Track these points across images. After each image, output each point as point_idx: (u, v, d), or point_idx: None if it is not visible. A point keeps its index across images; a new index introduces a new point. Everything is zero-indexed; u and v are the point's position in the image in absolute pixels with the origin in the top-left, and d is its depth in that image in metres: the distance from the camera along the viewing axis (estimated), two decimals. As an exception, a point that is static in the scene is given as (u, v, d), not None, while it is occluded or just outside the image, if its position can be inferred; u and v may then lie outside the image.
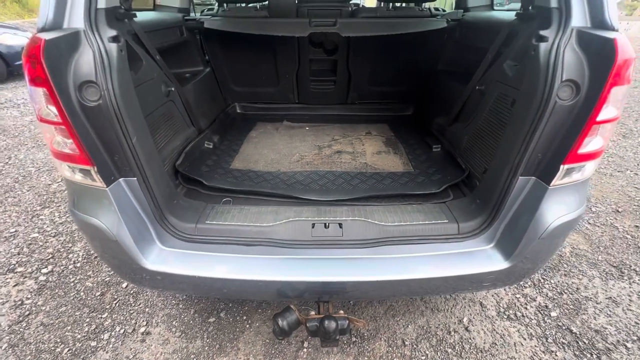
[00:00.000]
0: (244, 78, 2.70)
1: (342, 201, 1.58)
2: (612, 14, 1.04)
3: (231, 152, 2.11)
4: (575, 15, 1.07)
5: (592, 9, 1.06)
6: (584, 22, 1.07)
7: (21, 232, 2.50)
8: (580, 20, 1.07)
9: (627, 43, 0.98)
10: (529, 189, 1.21)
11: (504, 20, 1.66)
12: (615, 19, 1.05)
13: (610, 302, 1.95)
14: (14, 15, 12.05)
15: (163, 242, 1.30)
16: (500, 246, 1.29)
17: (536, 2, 1.23)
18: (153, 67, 1.58)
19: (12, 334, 1.75)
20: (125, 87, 1.11)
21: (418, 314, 1.87)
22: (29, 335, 1.75)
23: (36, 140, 4.06)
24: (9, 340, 1.72)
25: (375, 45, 2.47)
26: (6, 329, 1.78)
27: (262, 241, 1.29)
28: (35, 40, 0.96)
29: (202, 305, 1.91)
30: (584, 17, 1.07)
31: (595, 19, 1.06)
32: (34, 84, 1.01)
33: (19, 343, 1.71)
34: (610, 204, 2.90)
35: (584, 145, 1.10)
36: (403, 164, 1.97)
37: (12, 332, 1.76)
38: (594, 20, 1.06)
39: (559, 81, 1.03)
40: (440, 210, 1.43)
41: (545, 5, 1.15)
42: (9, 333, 1.76)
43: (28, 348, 1.69)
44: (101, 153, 1.10)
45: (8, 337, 1.73)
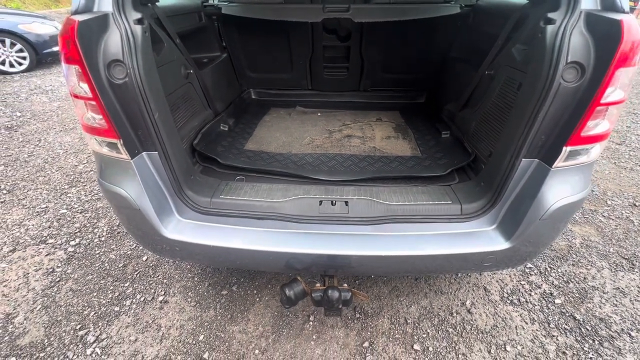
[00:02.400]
0: (259, 64, 2.77)
1: (349, 181, 1.64)
2: (622, -4, 1.04)
3: (245, 134, 2.19)
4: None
5: None
6: (595, 5, 1.07)
7: (51, 208, 2.69)
8: (590, 3, 1.07)
9: (634, 24, 0.98)
10: (532, 170, 1.23)
11: (516, 4, 1.65)
12: (625, 1, 1.05)
13: (618, 293, 1.95)
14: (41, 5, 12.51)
15: (180, 214, 1.40)
16: (502, 227, 1.33)
17: None
18: (174, 49, 1.67)
19: (45, 297, 1.92)
20: (149, 67, 1.19)
21: (422, 295, 1.93)
22: (59, 298, 1.92)
23: (63, 124, 4.28)
24: (42, 302, 1.89)
25: (388, 32, 2.48)
26: (40, 292, 1.95)
27: (271, 215, 1.37)
28: (70, 22, 1.05)
29: (216, 279, 2.03)
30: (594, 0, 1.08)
31: (606, 1, 1.06)
32: (69, 62, 1.10)
33: (51, 305, 1.88)
34: (628, 197, 2.84)
35: (587, 128, 1.11)
36: (411, 149, 2.00)
37: (45, 296, 1.93)
38: (604, 2, 1.06)
39: (564, 63, 1.05)
40: (445, 192, 1.47)
41: None
42: (42, 296, 1.93)
43: (59, 310, 1.85)
44: (126, 127, 1.20)
45: (41, 300, 1.90)
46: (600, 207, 2.70)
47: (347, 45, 2.65)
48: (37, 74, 6.33)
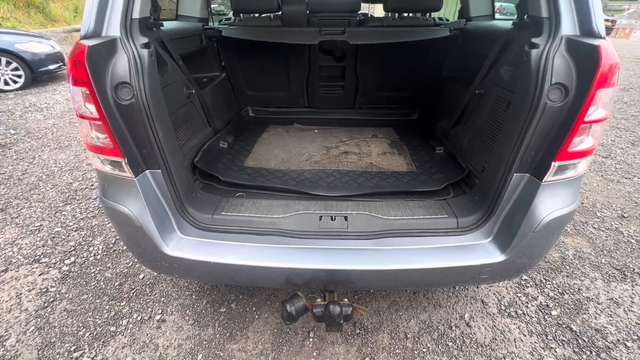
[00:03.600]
0: (257, 83, 2.84)
1: (348, 197, 1.67)
2: (599, 23, 1.13)
3: (244, 151, 2.23)
4: (564, 25, 1.16)
5: (580, 19, 1.15)
6: (574, 31, 1.16)
7: (45, 227, 2.66)
8: (570, 29, 1.16)
9: (611, 49, 1.06)
10: (523, 185, 1.28)
11: (502, 28, 1.76)
12: (602, 28, 1.13)
13: (612, 303, 1.98)
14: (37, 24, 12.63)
15: (182, 231, 1.41)
16: (497, 240, 1.37)
17: (530, 12, 1.32)
18: (177, 71, 1.73)
19: (38, 318, 1.88)
20: (154, 88, 1.23)
21: (421, 309, 1.94)
22: (53, 319, 1.88)
23: (58, 142, 4.27)
24: (35, 323, 1.85)
25: (382, 53, 2.58)
26: (33, 313, 1.91)
27: (272, 231, 1.39)
28: (79, 46, 1.10)
29: (214, 296, 2.01)
30: (573, 27, 1.16)
31: (584, 28, 1.14)
32: (77, 84, 1.14)
33: (45, 326, 1.84)
34: (616, 209, 2.92)
35: (573, 144, 1.18)
36: (407, 164, 2.06)
37: (39, 316, 1.89)
38: (582, 29, 1.15)
39: (549, 84, 1.12)
40: (441, 206, 1.51)
41: (537, 15, 1.24)
42: (36, 317, 1.88)
43: (53, 331, 1.81)
44: (131, 146, 1.23)
45: (35, 321, 1.86)
46: (590, 219, 2.77)
47: (343, 65, 2.75)
48: (32, 92, 6.34)
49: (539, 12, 1.23)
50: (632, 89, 6.90)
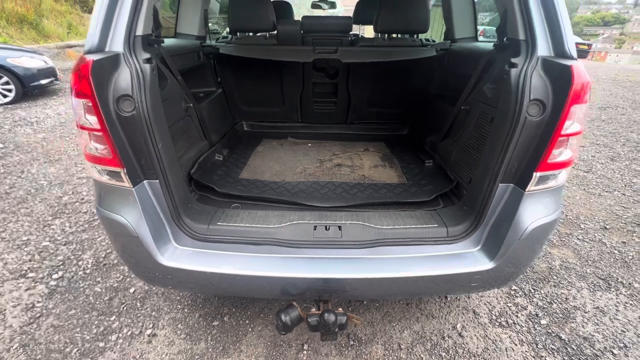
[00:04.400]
0: (252, 98, 2.92)
1: (342, 207, 1.71)
2: (571, 46, 1.23)
3: (239, 164, 2.27)
4: (540, 47, 1.26)
5: (554, 42, 1.26)
6: (549, 52, 1.26)
7: (33, 241, 2.60)
8: (545, 51, 1.26)
9: (582, 69, 1.16)
10: (508, 195, 1.35)
11: (484, 49, 1.88)
12: (573, 50, 1.24)
13: (598, 312, 2.03)
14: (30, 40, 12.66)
15: (177, 241, 1.42)
16: (485, 248, 1.42)
17: (508, 35, 1.43)
18: (175, 85, 1.78)
19: (23, 335, 1.82)
20: (155, 101, 1.28)
21: (414, 320, 1.95)
22: (39, 335, 1.82)
23: (48, 156, 4.23)
24: (20, 340, 1.79)
25: (372, 71, 2.70)
26: (17, 329, 1.85)
27: (268, 241, 1.42)
28: (84, 60, 1.14)
29: (207, 310, 1.99)
30: (548, 48, 1.27)
31: (557, 49, 1.25)
32: (79, 96, 1.17)
33: (30, 343, 1.78)
34: (599, 221, 3.03)
35: (553, 155, 1.26)
36: (398, 177, 2.13)
37: (24, 333, 1.83)
38: (556, 50, 1.25)
39: (527, 100, 1.21)
40: (431, 216, 1.57)
41: (515, 37, 1.35)
42: (20, 334, 1.83)
43: (38, 348, 1.76)
44: (130, 157, 1.25)
45: (19, 338, 1.80)
46: (574, 231, 2.86)
47: (335, 82, 2.85)
48: (22, 106, 6.30)
49: (517, 35, 1.34)
50: (609, 108, 7.26)
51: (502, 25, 1.46)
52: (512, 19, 1.36)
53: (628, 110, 7.10)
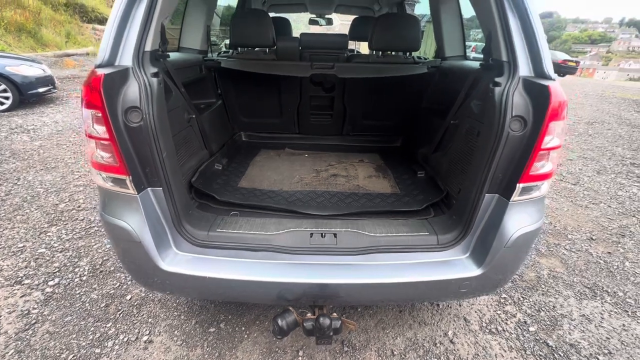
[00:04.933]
0: (251, 110, 3.01)
1: (337, 216, 1.78)
2: (549, 67, 1.34)
3: (238, 173, 2.33)
4: (521, 67, 1.36)
5: (534, 63, 1.36)
6: (529, 73, 1.37)
7: (29, 248, 2.61)
8: (526, 71, 1.37)
9: (559, 89, 1.26)
10: (494, 204, 1.43)
11: (472, 68, 2.00)
12: (551, 71, 1.34)
13: (584, 319, 2.10)
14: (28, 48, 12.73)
15: (178, 247, 1.47)
16: (474, 255, 1.49)
17: (493, 56, 1.54)
18: (179, 97, 1.85)
19: (18, 341, 1.83)
20: (161, 112, 1.35)
21: (406, 327, 2.00)
22: (34, 342, 1.83)
23: (45, 163, 4.24)
24: (15, 346, 1.79)
25: (367, 86, 2.82)
26: (13, 336, 1.85)
27: (265, 247, 1.47)
28: (95, 74, 1.21)
29: (203, 317, 2.02)
30: (528, 69, 1.37)
31: (537, 70, 1.36)
32: (89, 107, 1.24)
33: (25, 349, 1.78)
34: (586, 232, 3.13)
35: (535, 168, 1.34)
36: (391, 187, 2.20)
37: (19, 339, 1.84)
38: (536, 71, 1.36)
39: (510, 116, 1.30)
40: (422, 224, 1.64)
41: (499, 58, 1.46)
42: (16, 340, 1.83)
43: (34, 354, 1.76)
44: (136, 165, 1.31)
45: (15, 344, 1.81)
46: (562, 241, 2.95)
47: (332, 95, 2.96)
48: (19, 114, 6.32)
49: (500, 56, 1.45)
50: (595, 123, 7.51)
51: (487, 47, 1.58)
52: (495, 42, 1.47)
53: (614, 125, 7.35)
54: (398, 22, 2.43)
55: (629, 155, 5.37)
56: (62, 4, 15.02)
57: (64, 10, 15.08)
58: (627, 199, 3.86)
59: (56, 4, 14.81)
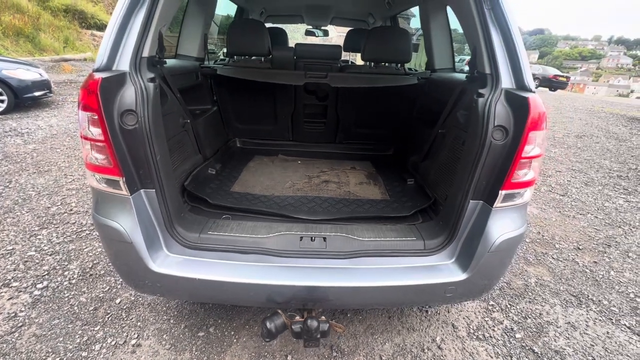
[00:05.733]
0: (245, 117, 3.06)
1: (327, 220, 1.81)
2: (529, 80, 1.41)
3: (232, 178, 2.36)
4: (503, 80, 1.43)
5: (515, 76, 1.43)
6: (511, 85, 1.44)
7: (18, 250, 2.59)
8: (508, 83, 1.44)
9: (538, 101, 1.33)
10: (478, 210, 1.48)
11: (459, 80, 2.08)
12: (531, 83, 1.41)
13: (569, 327, 2.14)
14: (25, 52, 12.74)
15: (169, 248, 1.49)
16: (459, 260, 1.53)
17: (478, 68, 1.62)
18: (175, 102, 1.90)
19: (3, 344, 1.81)
20: (156, 116, 1.38)
21: (395, 332, 2.01)
22: (20, 345, 1.81)
23: (38, 166, 4.23)
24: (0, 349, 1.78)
25: (359, 95, 2.89)
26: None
27: (256, 250, 1.49)
28: (93, 77, 1.25)
29: (193, 321, 2.01)
30: (510, 81, 1.44)
31: (518, 82, 1.42)
32: (86, 109, 1.27)
33: (10, 352, 1.77)
34: (573, 242, 3.19)
35: (516, 176, 1.40)
36: (381, 194, 2.25)
37: (4, 342, 1.82)
38: (517, 83, 1.43)
39: (492, 126, 1.36)
40: (410, 230, 1.68)
41: (483, 71, 1.53)
42: (1, 342, 1.81)
43: (19, 357, 1.74)
44: (130, 167, 1.34)
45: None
46: (550, 250, 3.01)
47: (325, 104, 3.03)
48: (14, 117, 6.30)
49: (484, 69, 1.52)
50: (584, 136, 7.68)
51: (473, 60, 1.65)
52: (480, 55, 1.55)
53: (602, 139, 7.53)
54: (389, 35, 2.52)
55: (616, 168, 5.50)
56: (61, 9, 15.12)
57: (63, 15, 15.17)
58: (613, 210, 3.95)
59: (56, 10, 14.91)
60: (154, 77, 1.43)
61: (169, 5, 1.54)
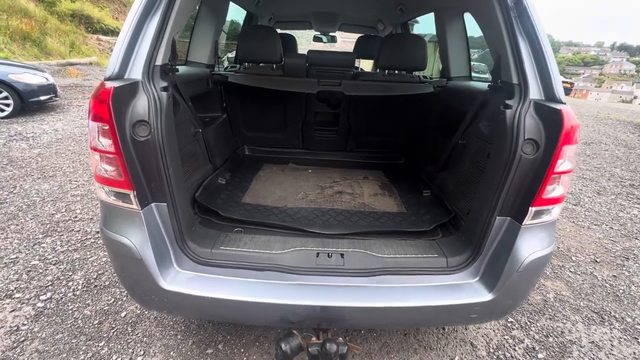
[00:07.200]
0: (255, 124, 3.01)
1: (344, 235, 1.74)
2: (560, 91, 1.34)
3: (242, 188, 2.30)
4: (531, 90, 1.37)
5: (544, 87, 1.36)
6: (540, 96, 1.37)
7: (21, 259, 2.53)
8: (536, 94, 1.37)
9: (571, 113, 1.26)
10: (505, 227, 1.40)
11: (479, 89, 2.01)
12: (562, 95, 1.34)
13: (594, 346, 2.04)
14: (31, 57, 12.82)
15: (179, 265, 1.42)
16: (484, 279, 1.45)
17: (502, 78, 1.55)
18: (187, 111, 1.84)
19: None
20: (169, 126, 1.32)
21: (412, 351, 1.93)
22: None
23: (43, 171, 4.19)
24: (1, 366, 1.71)
25: (372, 104, 2.83)
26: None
27: (271, 267, 1.42)
28: (104, 86, 1.19)
29: (200, 337, 1.94)
30: (538, 92, 1.37)
31: (547, 94, 1.36)
32: (96, 120, 1.21)
33: (12, 369, 1.70)
34: (589, 254, 3.09)
35: (547, 192, 1.33)
36: (397, 205, 2.18)
37: (5, 358, 1.75)
38: (546, 95, 1.36)
39: (522, 139, 1.29)
40: (431, 246, 1.60)
41: (509, 81, 1.46)
42: (2, 359, 1.74)
43: (21, 374, 1.67)
44: (141, 180, 1.28)
45: (1, 363, 1.72)
46: (566, 263, 2.91)
47: (337, 112, 2.97)
48: (19, 121, 6.28)
49: (510, 79, 1.45)
50: (592, 143, 7.59)
51: (496, 69, 1.58)
52: (505, 65, 1.48)
53: (611, 146, 7.44)
54: (405, 42, 2.47)
55: (627, 177, 5.40)
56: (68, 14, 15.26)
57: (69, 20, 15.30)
58: (628, 220, 3.85)
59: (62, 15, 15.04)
60: (167, 85, 1.37)
61: (183, 11, 1.48)
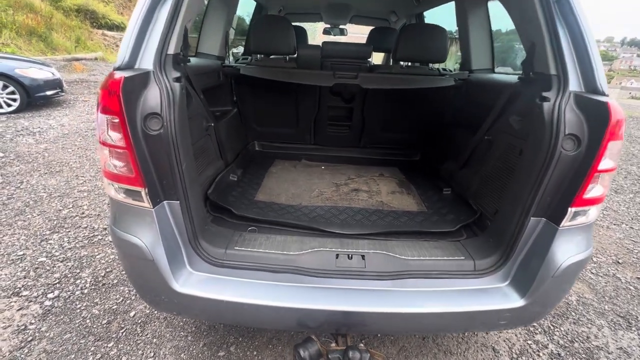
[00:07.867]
0: (266, 119, 2.92)
1: (363, 235, 1.65)
2: (603, 82, 1.23)
3: (254, 184, 2.22)
4: (571, 82, 1.26)
5: (585, 78, 1.26)
6: (580, 88, 1.26)
7: (29, 256, 2.49)
8: (577, 86, 1.26)
9: (618, 106, 1.16)
10: (540, 229, 1.31)
11: (506, 82, 1.90)
12: (605, 86, 1.24)
13: (622, 353, 1.95)
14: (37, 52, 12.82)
15: (192, 266, 1.34)
16: (515, 284, 1.36)
17: (535, 69, 1.44)
18: (199, 104, 1.76)
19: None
20: (182, 120, 1.24)
21: (431, 356, 1.85)
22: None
23: (49, 167, 4.15)
24: (9, 366, 1.66)
25: (387, 97, 2.72)
26: (6, 354, 1.72)
27: (289, 269, 1.34)
28: (114, 77, 1.11)
29: (212, 338, 1.87)
30: (578, 84, 1.27)
31: (588, 85, 1.25)
32: (106, 112, 1.13)
33: (19, 370, 1.65)
34: (611, 255, 2.98)
35: (588, 191, 1.23)
36: (417, 204, 2.08)
37: (13, 358, 1.70)
38: (587, 86, 1.25)
39: (563, 134, 1.19)
40: (456, 247, 1.51)
41: (545, 72, 1.36)
42: (9, 359, 1.69)
43: (29, 376, 1.62)
44: (153, 176, 1.20)
45: (8, 364, 1.67)
46: (588, 264, 2.80)
47: (351, 106, 2.87)
48: (25, 116, 6.27)
49: (547, 69, 1.34)
50: (607, 141, 7.41)
51: (529, 59, 1.48)
52: (541, 53, 1.37)
53: (625, 143, 7.24)
54: (425, 32, 2.35)
55: (645, 175, 5.24)
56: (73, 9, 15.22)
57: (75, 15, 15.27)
58: (649, 220, 3.72)
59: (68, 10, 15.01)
60: (179, 76, 1.29)
61: None
